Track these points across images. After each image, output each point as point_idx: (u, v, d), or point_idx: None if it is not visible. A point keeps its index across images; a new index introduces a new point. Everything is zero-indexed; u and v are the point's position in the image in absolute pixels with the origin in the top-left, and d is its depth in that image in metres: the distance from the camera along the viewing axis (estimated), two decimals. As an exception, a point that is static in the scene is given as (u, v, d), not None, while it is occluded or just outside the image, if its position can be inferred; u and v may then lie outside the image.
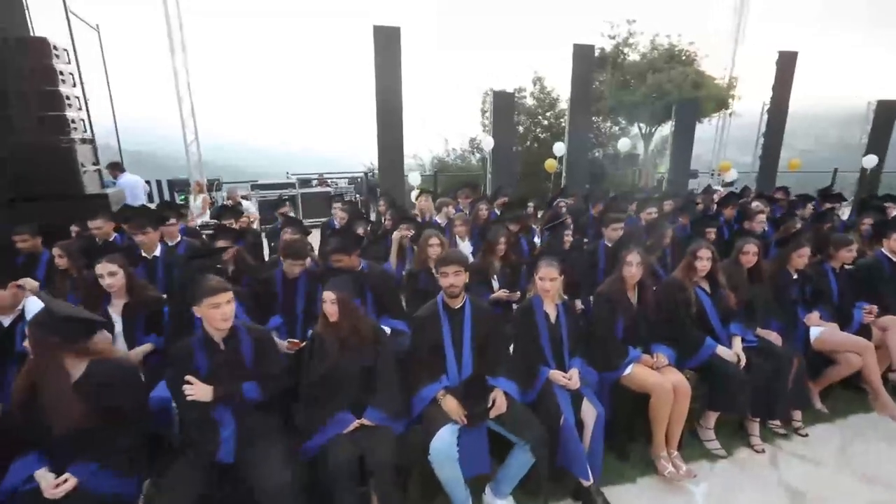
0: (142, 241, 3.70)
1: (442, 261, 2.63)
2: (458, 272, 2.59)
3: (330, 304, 2.44)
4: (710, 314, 3.13)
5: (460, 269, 2.60)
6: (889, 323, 3.56)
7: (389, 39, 7.77)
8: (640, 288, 3.04)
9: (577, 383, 2.68)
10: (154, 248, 3.78)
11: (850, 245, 3.73)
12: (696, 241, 3.24)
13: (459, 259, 2.61)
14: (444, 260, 2.62)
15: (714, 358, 3.00)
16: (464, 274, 2.63)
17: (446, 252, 2.74)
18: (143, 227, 3.69)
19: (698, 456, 3.01)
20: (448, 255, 2.64)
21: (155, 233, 3.79)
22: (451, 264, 2.58)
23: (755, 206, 5.36)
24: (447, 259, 2.61)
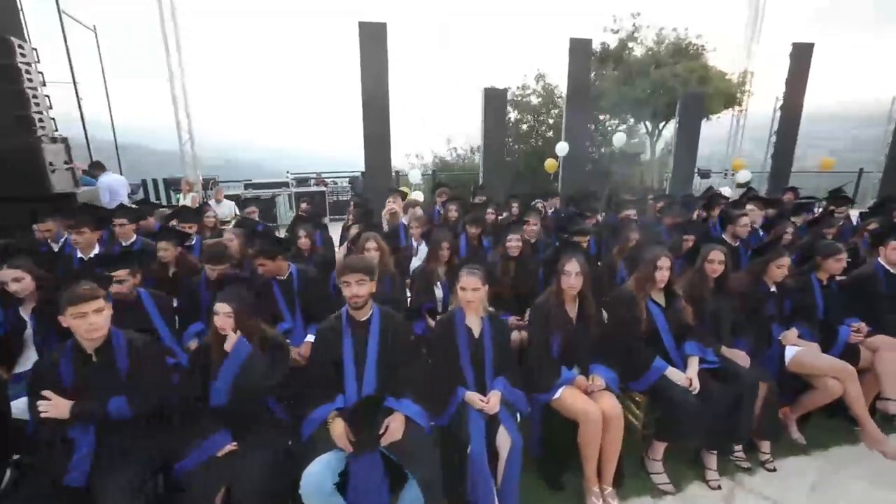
0: (76, 241, 3.61)
1: (342, 268, 2.38)
2: (360, 281, 2.34)
3: (224, 316, 2.24)
4: (662, 331, 2.78)
5: (364, 277, 2.35)
6: (879, 344, 3.12)
7: (375, 36, 7.58)
8: (582, 300, 2.73)
9: (494, 407, 2.40)
10: (91, 248, 3.68)
11: (839, 254, 3.30)
12: (652, 247, 2.90)
13: (362, 266, 2.36)
14: (345, 267, 2.37)
15: (663, 381, 2.67)
16: (369, 283, 2.39)
17: (348, 259, 2.50)
18: (77, 227, 3.59)
19: (642, 491, 2.68)
20: (348, 262, 2.39)
21: (93, 234, 3.69)
22: (352, 272, 2.33)
23: (748, 208, 4.91)
24: (347, 266, 2.36)
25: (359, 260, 2.40)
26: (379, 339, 2.44)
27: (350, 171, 13.00)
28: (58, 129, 5.66)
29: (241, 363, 2.23)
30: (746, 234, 4.05)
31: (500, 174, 8.55)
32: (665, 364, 2.70)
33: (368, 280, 2.38)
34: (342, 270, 2.36)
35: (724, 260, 3.03)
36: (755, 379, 2.78)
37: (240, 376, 2.23)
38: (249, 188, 9.81)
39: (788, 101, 9.35)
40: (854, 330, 3.20)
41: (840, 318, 3.33)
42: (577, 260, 2.65)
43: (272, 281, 3.25)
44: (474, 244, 4.33)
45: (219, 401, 2.21)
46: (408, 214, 5.15)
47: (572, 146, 8.52)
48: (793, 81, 9.28)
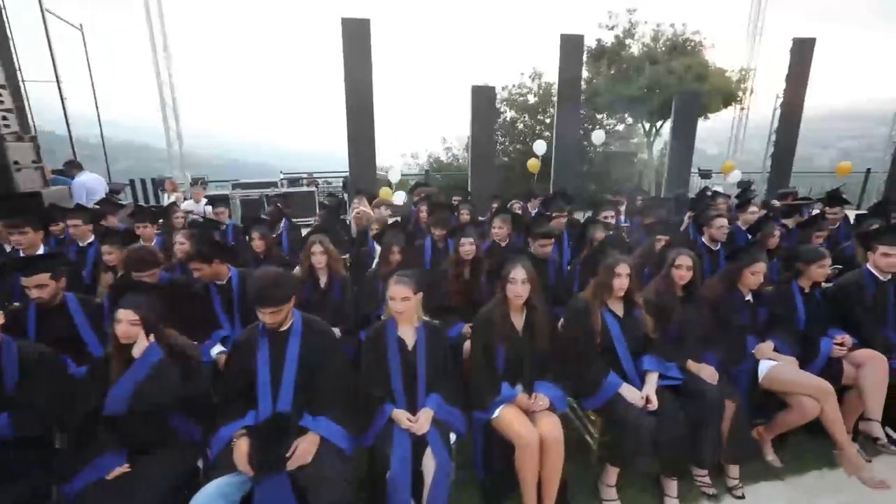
0: (18, 242, 3.47)
1: (251, 299, 2.18)
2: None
3: (126, 324, 2.06)
4: (618, 344, 2.55)
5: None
6: (864, 358, 2.85)
7: (358, 32, 7.41)
8: (530, 310, 2.51)
9: (422, 427, 2.19)
10: (35, 249, 3.54)
11: (822, 260, 3.03)
12: (614, 253, 2.67)
13: (273, 294, 2.14)
14: (254, 299, 2.16)
15: (617, 399, 2.43)
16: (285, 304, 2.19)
17: (256, 284, 2.27)
18: (19, 227, 3.45)
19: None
20: (258, 292, 2.17)
21: (36, 234, 3.55)
22: (264, 306, 2.12)
23: (751, 209, 4.63)
24: (257, 299, 2.15)
25: (269, 284, 2.13)
26: (299, 351, 2.24)
27: (344, 171, 12.87)
28: (35, 127, 5.58)
29: (148, 370, 2.05)
30: (723, 236, 3.78)
31: (488, 174, 8.32)
32: (619, 380, 2.46)
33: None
34: (251, 301, 2.13)
35: (692, 265, 2.78)
36: (721, 397, 2.54)
37: (144, 384, 2.04)
38: (237, 188, 9.70)
39: (789, 99, 8.95)
40: (837, 343, 2.92)
41: (823, 330, 3.06)
42: (522, 266, 2.43)
43: (211, 286, 3.08)
44: (439, 246, 4.12)
45: (114, 409, 2.00)
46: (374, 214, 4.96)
47: (563, 145, 8.26)
48: (793, 78, 8.88)
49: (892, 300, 3.14)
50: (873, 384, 2.76)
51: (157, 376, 2.04)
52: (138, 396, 2.01)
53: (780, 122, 9.23)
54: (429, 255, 4.10)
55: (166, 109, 8.84)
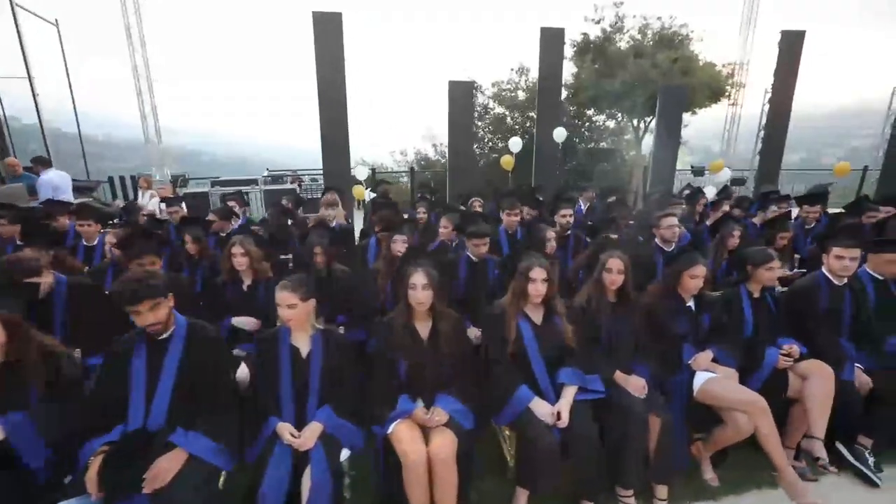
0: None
1: (123, 301, 2.02)
2: (154, 307, 1.99)
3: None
4: (532, 354, 2.37)
5: (154, 302, 2.00)
6: (810, 370, 2.64)
7: (330, 26, 7.24)
8: (436, 318, 2.34)
9: (306, 443, 2.03)
10: None
11: (770, 262, 2.82)
12: (528, 257, 2.48)
13: (144, 293, 1.99)
14: (125, 300, 2.00)
15: (526, 414, 2.25)
16: (165, 302, 2.04)
17: (122, 287, 2.11)
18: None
19: (499, 544, 2.27)
20: (125, 292, 2.01)
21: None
22: (135, 303, 1.97)
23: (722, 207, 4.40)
24: (126, 299, 1.99)
25: (137, 285, 1.98)
26: (180, 360, 2.09)
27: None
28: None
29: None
30: (673, 236, 3.56)
31: (467, 171, 8.12)
32: (530, 394, 2.28)
33: (164, 299, 2.04)
34: (124, 303, 1.98)
35: (623, 269, 2.58)
36: (645, 411, 2.35)
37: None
38: (216, 185, 9.61)
39: (777, 95, 8.60)
40: (784, 353, 2.72)
41: (772, 339, 2.85)
42: (423, 271, 2.26)
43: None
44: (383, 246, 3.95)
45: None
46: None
47: (544, 141, 8.04)
48: (781, 72, 8.54)
49: (849, 307, 2.92)
50: (818, 399, 2.56)
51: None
52: None
53: (768, 118, 8.91)
54: (373, 255, 3.95)
55: (144, 106, 8.73)
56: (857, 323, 2.92)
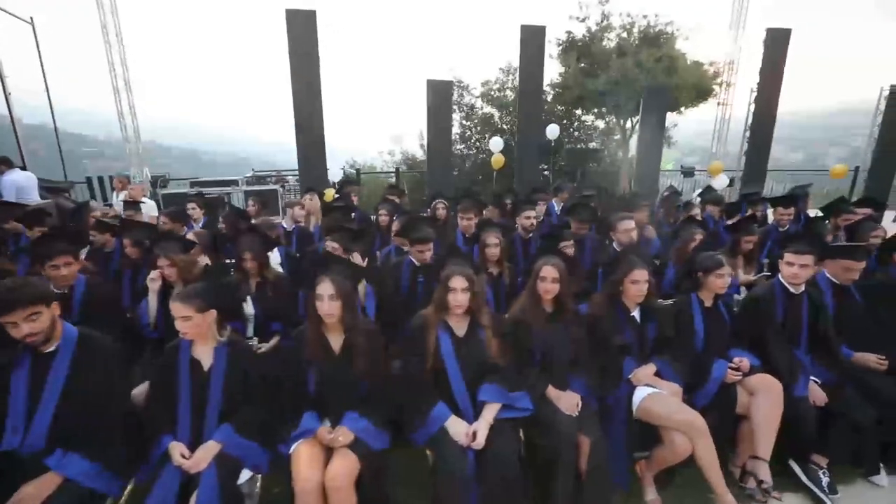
0: None
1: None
2: (31, 316, 1.85)
3: None
4: (451, 369, 2.21)
5: (34, 310, 1.86)
6: (759, 385, 2.48)
7: (304, 23, 7.12)
8: (347, 329, 2.19)
9: (197, 464, 1.89)
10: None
11: (719, 268, 2.66)
12: (450, 264, 2.33)
13: (26, 299, 1.85)
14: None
15: (441, 434, 2.10)
16: (46, 311, 1.91)
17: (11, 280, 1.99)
18: None
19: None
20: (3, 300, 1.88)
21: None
22: (9, 313, 1.83)
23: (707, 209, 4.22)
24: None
25: (8, 293, 1.84)
26: (66, 375, 1.95)
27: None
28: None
29: None
30: (630, 241, 3.40)
31: (446, 171, 7.97)
32: (447, 412, 2.13)
33: (45, 308, 1.90)
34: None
35: (558, 277, 2.43)
36: (573, 431, 2.19)
37: None
38: (196, 186, 9.47)
39: (763, 94, 8.39)
40: (732, 367, 2.55)
41: (723, 351, 2.69)
42: (331, 280, 2.11)
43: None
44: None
45: None
46: (288, 215, 4.67)
47: (526, 141, 7.88)
48: (767, 71, 8.32)
49: (806, 316, 2.76)
50: (764, 417, 2.40)
51: None
52: None
53: (753, 117, 8.69)
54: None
55: (121, 104, 8.63)
56: (815, 333, 2.76)
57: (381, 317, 2.80)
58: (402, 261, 3.21)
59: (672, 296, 3.02)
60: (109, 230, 3.81)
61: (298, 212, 4.56)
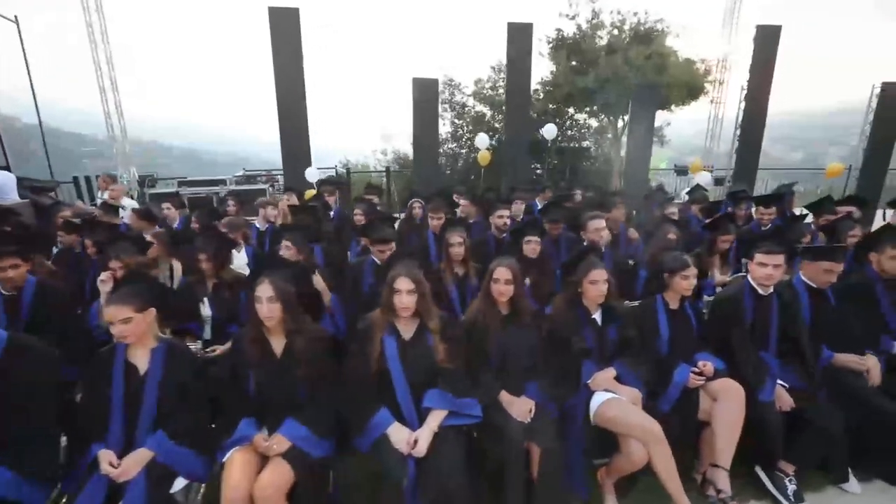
0: None
1: None
2: None
3: None
4: (395, 374, 2.14)
5: None
6: (722, 390, 2.40)
7: (287, 21, 7.05)
8: (290, 334, 2.12)
9: (125, 472, 1.82)
10: None
11: (685, 269, 2.58)
12: (398, 265, 2.25)
13: None
14: None
15: (383, 441, 2.03)
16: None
17: None
18: None
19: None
20: None
21: None
22: None
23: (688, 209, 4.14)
24: None
25: None
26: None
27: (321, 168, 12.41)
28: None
29: None
30: (600, 240, 3.32)
31: (432, 170, 7.88)
32: (390, 418, 2.06)
33: None
34: None
35: (512, 278, 2.35)
36: (522, 438, 2.11)
37: None
38: (184, 186, 9.44)
39: (753, 91, 8.27)
40: (695, 371, 2.47)
41: (688, 354, 2.61)
42: (270, 282, 2.04)
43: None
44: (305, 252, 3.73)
45: None
46: (260, 215, 4.60)
47: (513, 140, 7.79)
48: (757, 69, 8.19)
49: (776, 319, 2.67)
50: (724, 423, 2.33)
51: None
52: None
53: (744, 115, 8.58)
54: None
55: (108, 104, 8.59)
56: (785, 336, 2.68)
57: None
58: (364, 260, 3.14)
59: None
60: (75, 231, 3.75)
61: (271, 211, 4.49)
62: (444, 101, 12.45)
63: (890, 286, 2.95)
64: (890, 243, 2.92)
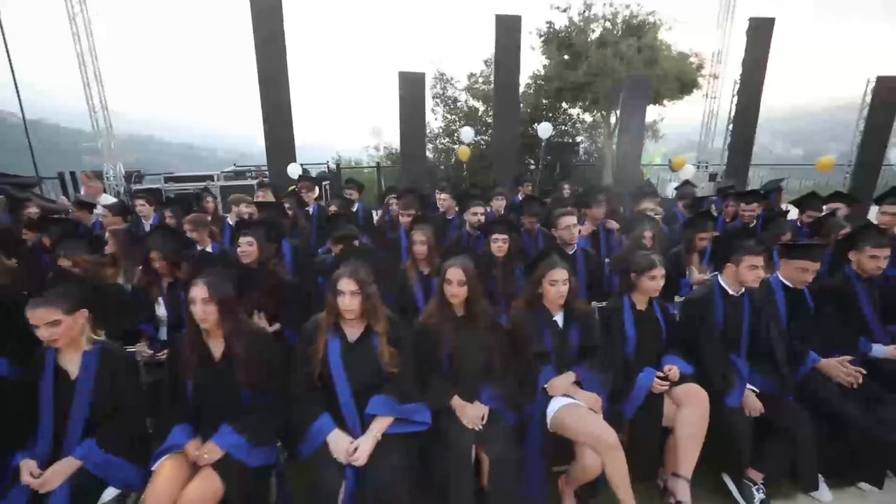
0: None
1: None
2: None
3: None
4: (337, 378, 2.04)
5: None
6: (685, 395, 2.30)
7: (269, 13, 6.92)
8: (229, 336, 2.03)
9: (48, 483, 1.74)
10: None
11: (652, 270, 2.47)
12: (344, 265, 2.15)
13: None
14: None
15: (323, 450, 1.94)
16: None
17: None
18: None
19: None
20: None
21: None
22: None
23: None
24: None
25: None
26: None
27: (313, 163, 12.27)
28: None
29: None
30: (570, 237, 3.21)
31: (418, 165, 7.77)
32: (330, 425, 1.97)
33: None
34: None
35: (464, 279, 2.25)
36: (470, 447, 2.02)
37: None
38: (170, 182, 9.34)
39: (745, 85, 8.10)
40: (660, 376, 2.37)
41: (655, 358, 2.51)
42: (204, 283, 1.94)
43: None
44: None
45: None
46: (233, 212, 4.51)
47: (502, 135, 7.67)
48: (749, 63, 8.01)
49: (748, 320, 2.57)
50: (687, 430, 2.23)
51: None
52: None
53: (736, 110, 8.41)
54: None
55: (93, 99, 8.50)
56: (757, 339, 2.57)
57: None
58: (325, 258, 3.04)
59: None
60: (34, 228, 3.67)
61: (244, 209, 4.39)
62: (437, 96, 12.31)
63: (870, 286, 2.85)
64: (870, 242, 2.81)
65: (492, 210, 4.98)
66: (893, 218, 3.69)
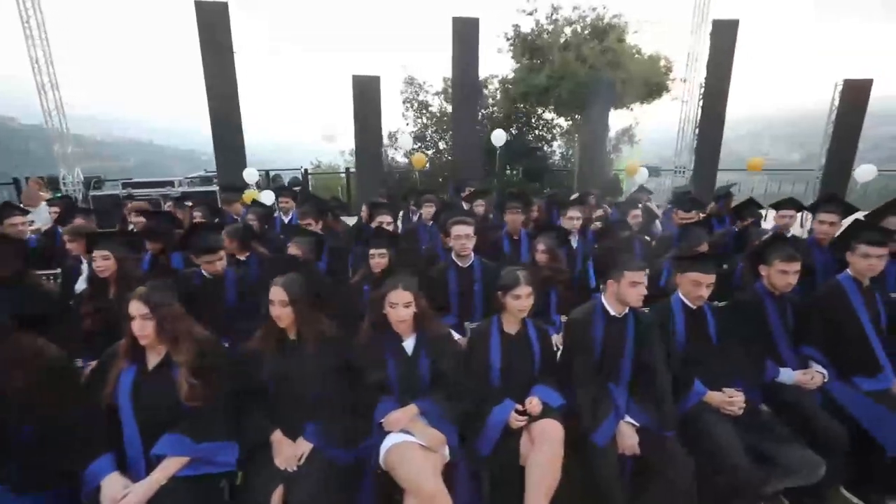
0: None
1: None
2: None
3: None
4: (124, 412, 1.78)
5: None
6: (538, 432, 2.02)
7: (215, 15, 6.74)
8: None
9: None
10: None
11: (516, 287, 2.21)
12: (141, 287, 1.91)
13: None
14: None
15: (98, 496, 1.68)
16: None
17: None
18: None
19: None
20: None
21: None
22: None
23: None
24: None
25: None
26: None
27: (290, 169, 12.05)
28: None
29: None
30: (462, 249, 2.94)
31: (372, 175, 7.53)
32: (108, 468, 1.70)
33: None
34: None
35: (287, 300, 1.99)
36: (269, 491, 1.75)
37: None
38: (128, 188, 9.16)
39: (711, 89, 7.83)
40: (520, 409, 2.10)
41: (524, 387, 2.24)
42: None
43: None
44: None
45: None
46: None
47: (461, 141, 7.43)
48: (714, 65, 7.74)
49: (632, 345, 2.29)
50: (537, 474, 1.95)
51: None
52: None
53: (702, 113, 8.12)
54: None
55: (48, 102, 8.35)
56: (641, 365, 2.29)
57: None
58: (191, 273, 2.79)
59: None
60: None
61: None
62: (407, 101, 12.09)
63: (779, 303, 2.57)
64: (779, 255, 2.53)
65: (422, 217, 4.75)
66: (832, 227, 3.41)
